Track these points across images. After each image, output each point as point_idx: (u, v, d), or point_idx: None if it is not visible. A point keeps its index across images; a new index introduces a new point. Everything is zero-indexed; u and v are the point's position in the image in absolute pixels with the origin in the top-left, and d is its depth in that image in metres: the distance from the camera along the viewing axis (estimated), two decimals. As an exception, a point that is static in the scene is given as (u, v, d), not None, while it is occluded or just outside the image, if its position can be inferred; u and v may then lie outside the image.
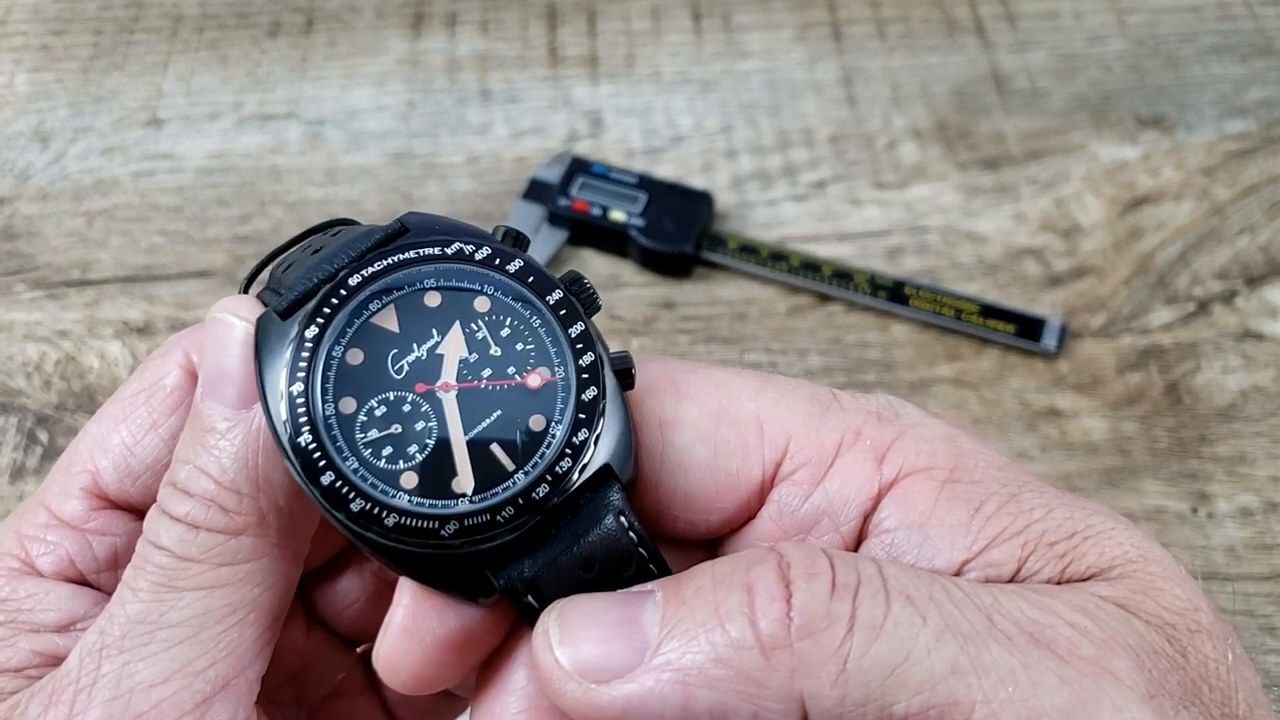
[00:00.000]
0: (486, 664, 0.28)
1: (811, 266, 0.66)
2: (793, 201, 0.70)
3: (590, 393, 0.27)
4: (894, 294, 0.64)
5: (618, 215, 0.67)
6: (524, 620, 0.27)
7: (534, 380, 0.27)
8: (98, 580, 0.31)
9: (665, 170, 0.71)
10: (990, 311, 0.64)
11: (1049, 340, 0.63)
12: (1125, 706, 0.23)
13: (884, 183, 0.71)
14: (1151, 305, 0.65)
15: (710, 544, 0.29)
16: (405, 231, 0.29)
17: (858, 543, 0.27)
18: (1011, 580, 0.26)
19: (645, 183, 0.68)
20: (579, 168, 0.69)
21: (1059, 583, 0.26)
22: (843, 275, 0.65)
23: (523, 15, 0.80)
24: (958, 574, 0.26)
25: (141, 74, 0.77)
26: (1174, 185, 0.70)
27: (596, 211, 0.67)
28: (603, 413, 0.27)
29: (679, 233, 0.66)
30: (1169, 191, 0.70)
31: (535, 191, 0.69)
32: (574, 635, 0.25)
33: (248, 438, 0.28)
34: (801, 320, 0.65)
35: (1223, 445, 0.60)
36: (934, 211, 0.69)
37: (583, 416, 0.27)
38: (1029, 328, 0.63)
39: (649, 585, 0.26)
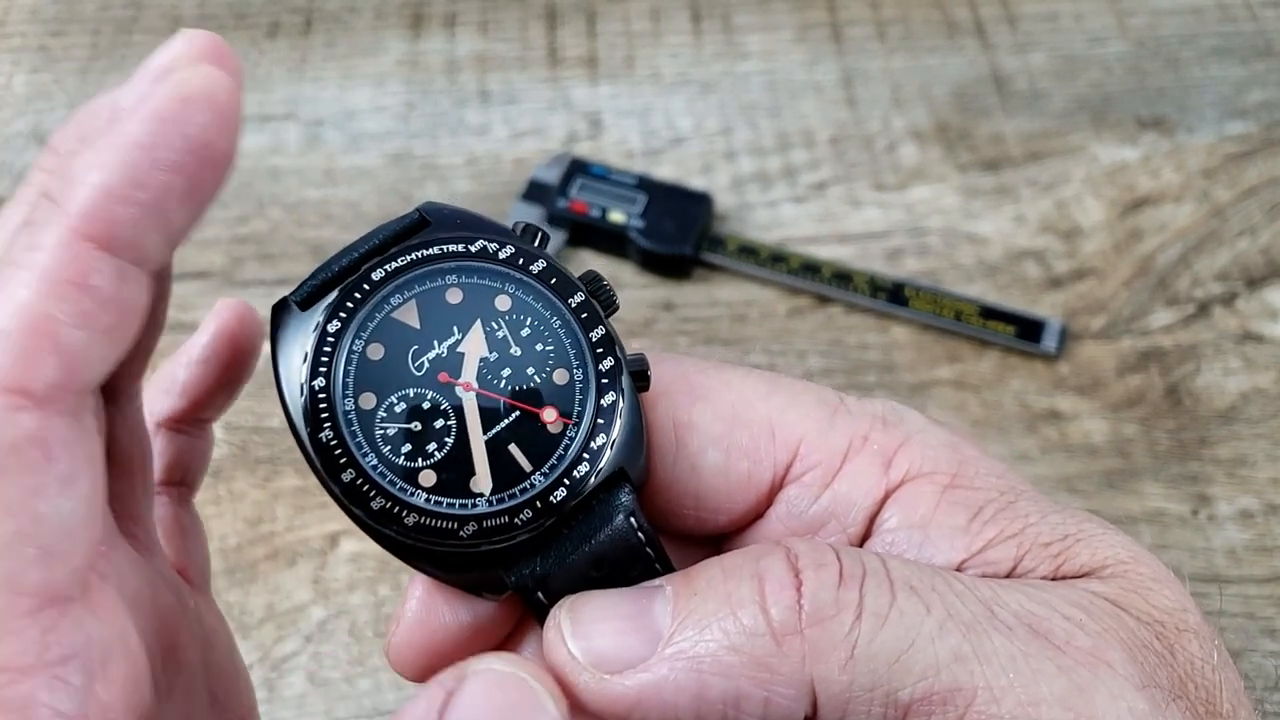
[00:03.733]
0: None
1: (811, 268, 0.66)
2: (792, 203, 0.70)
3: (609, 398, 0.27)
4: (894, 295, 0.64)
5: (617, 216, 0.67)
6: (533, 615, 0.27)
7: (556, 378, 0.27)
8: None
9: (665, 171, 0.71)
10: (990, 313, 0.64)
11: (1049, 342, 0.63)
12: (1121, 694, 0.24)
13: (884, 184, 0.71)
14: (1152, 307, 0.65)
15: (715, 541, 0.30)
16: (425, 223, 0.28)
17: (861, 543, 0.28)
18: (1008, 577, 0.27)
19: (644, 184, 0.68)
20: (578, 169, 0.69)
21: (1053, 579, 0.27)
22: (842, 277, 0.65)
23: (522, 16, 0.80)
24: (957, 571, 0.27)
25: (140, 75, 0.77)
26: (1174, 187, 0.70)
27: (596, 213, 0.67)
28: (620, 416, 0.27)
29: (678, 234, 0.66)
30: (1169, 193, 0.70)
31: (534, 192, 0.69)
32: (586, 629, 0.25)
33: None
34: (801, 322, 0.65)
35: (1223, 447, 0.60)
36: (934, 213, 0.69)
37: (601, 421, 0.27)
38: (1029, 329, 0.63)
39: (657, 581, 0.26)
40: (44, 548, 0.23)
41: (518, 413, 0.27)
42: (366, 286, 0.27)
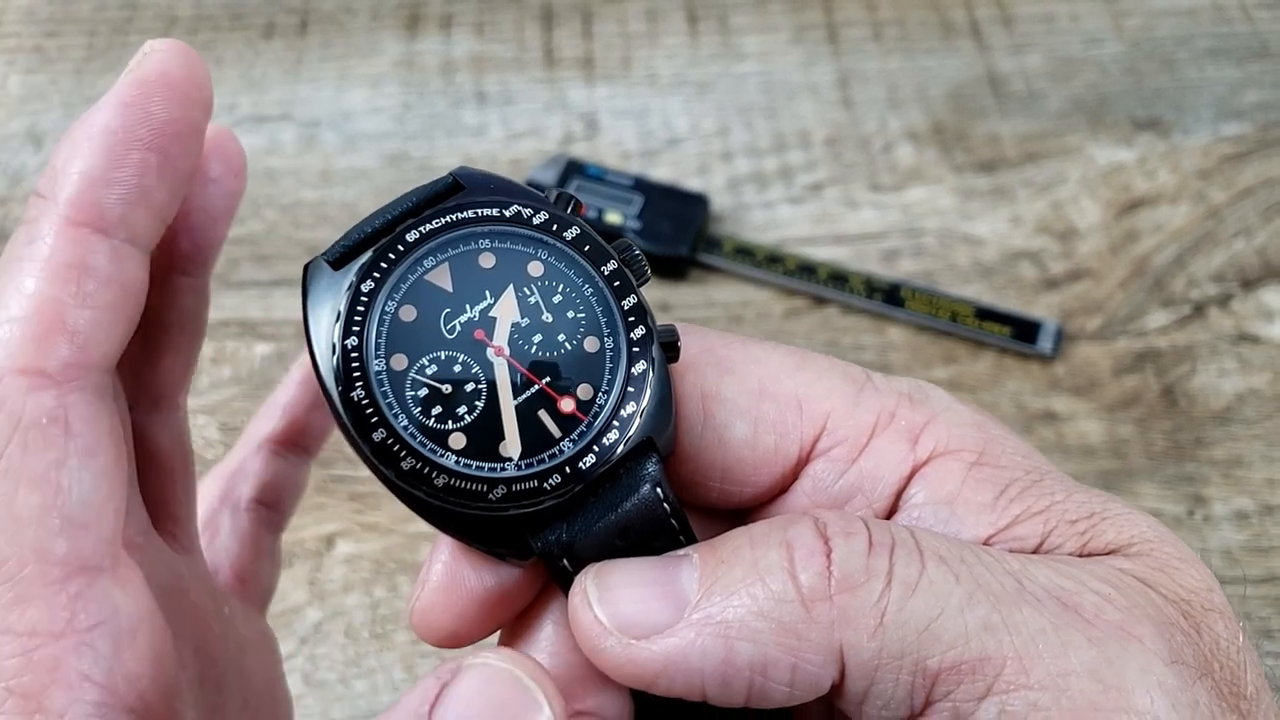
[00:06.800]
0: (515, 619, 0.29)
1: (808, 269, 0.66)
2: (789, 204, 0.70)
3: (640, 366, 0.27)
4: (890, 296, 0.64)
5: (613, 217, 0.67)
6: (557, 582, 0.27)
7: (587, 346, 0.27)
8: None
9: (661, 173, 0.71)
10: (986, 314, 0.64)
11: (1045, 343, 0.63)
12: (1150, 668, 0.24)
13: (880, 185, 0.71)
14: (1147, 308, 0.65)
15: (739, 516, 0.30)
16: (459, 187, 0.29)
17: (887, 518, 0.28)
18: (1034, 553, 0.27)
19: (641, 185, 0.68)
20: (574, 170, 0.69)
21: (1079, 556, 0.27)
22: (839, 278, 0.65)
23: (518, 17, 0.80)
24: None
25: (136, 75, 0.76)
26: (1170, 188, 0.70)
27: (592, 214, 0.67)
28: (649, 386, 0.27)
29: (675, 235, 0.66)
30: (1165, 194, 0.70)
31: (531, 194, 0.69)
32: (613, 594, 0.25)
33: None
34: (798, 323, 0.65)
35: (1218, 448, 0.60)
36: (930, 214, 0.69)
37: (631, 390, 0.27)
38: (1025, 330, 0.63)
39: (683, 550, 0.26)
40: (68, 518, 0.25)
41: (548, 379, 0.27)
42: (400, 248, 0.27)
